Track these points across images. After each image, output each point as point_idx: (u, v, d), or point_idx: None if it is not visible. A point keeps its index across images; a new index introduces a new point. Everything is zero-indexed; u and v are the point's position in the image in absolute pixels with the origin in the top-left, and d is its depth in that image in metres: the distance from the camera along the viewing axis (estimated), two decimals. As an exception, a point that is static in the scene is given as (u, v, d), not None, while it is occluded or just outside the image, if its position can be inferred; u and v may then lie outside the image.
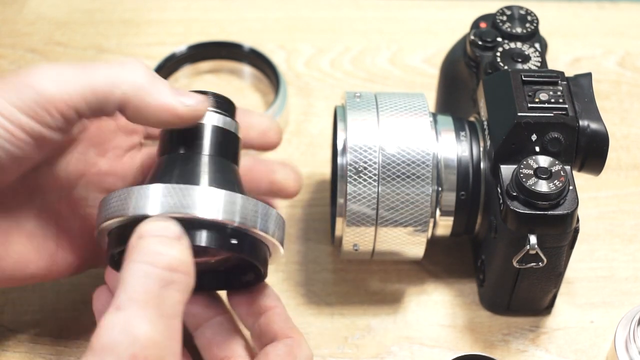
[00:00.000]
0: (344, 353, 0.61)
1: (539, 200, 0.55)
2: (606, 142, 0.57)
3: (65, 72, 0.49)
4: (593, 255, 0.67)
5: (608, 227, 0.69)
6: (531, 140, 0.57)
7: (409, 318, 0.63)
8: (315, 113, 0.78)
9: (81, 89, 0.49)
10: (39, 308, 0.62)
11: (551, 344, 0.62)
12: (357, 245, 0.60)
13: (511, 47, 0.62)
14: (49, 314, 0.62)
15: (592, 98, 0.59)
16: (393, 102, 0.61)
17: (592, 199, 0.71)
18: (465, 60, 0.65)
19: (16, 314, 0.62)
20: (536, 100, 0.57)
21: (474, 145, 0.60)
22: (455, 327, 0.63)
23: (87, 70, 0.49)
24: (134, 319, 0.43)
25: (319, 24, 0.86)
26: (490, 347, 0.62)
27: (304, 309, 0.63)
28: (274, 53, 0.82)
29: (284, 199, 0.62)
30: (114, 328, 0.43)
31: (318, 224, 0.69)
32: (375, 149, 0.58)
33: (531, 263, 0.56)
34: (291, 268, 0.66)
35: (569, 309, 0.64)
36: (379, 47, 0.84)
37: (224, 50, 0.80)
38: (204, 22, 0.85)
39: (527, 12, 0.65)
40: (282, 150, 0.74)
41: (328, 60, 0.82)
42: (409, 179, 0.58)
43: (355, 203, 0.58)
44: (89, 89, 0.49)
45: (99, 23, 0.85)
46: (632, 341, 0.56)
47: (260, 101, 0.79)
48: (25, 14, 0.86)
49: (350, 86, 0.80)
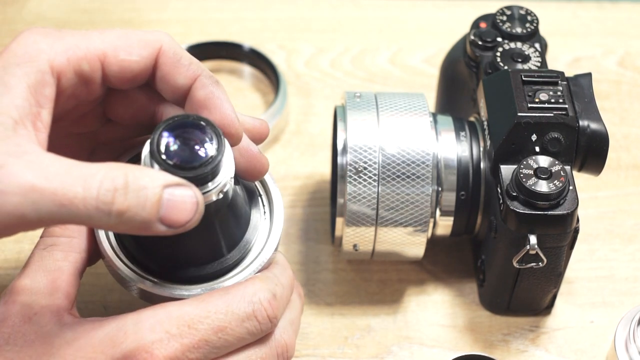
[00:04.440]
0: (344, 353, 0.61)
1: (539, 200, 0.55)
2: (606, 142, 0.57)
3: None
4: (593, 255, 0.67)
5: (608, 227, 0.69)
6: (531, 140, 0.57)
7: (409, 318, 0.63)
8: (315, 113, 0.78)
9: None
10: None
11: (551, 344, 0.62)
12: (357, 245, 0.60)
13: (511, 47, 0.62)
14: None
15: (592, 98, 0.59)
16: (393, 102, 0.61)
17: (592, 199, 0.71)
18: (465, 60, 0.65)
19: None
20: (536, 100, 0.57)
21: (474, 145, 0.60)
22: (455, 327, 0.63)
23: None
24: None
25: (319, 24, 0.86)
26: (490, 347, 0.62)
27: (304, 309, 0.63)
28: (274, 53, 0.82)
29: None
30: None
31: (318, 224, 0.69)
32: (375, 149, 0.58)
33: (531, 263, 0.56)
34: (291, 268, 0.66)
35: (569, 309, 0.64)
36: (379, 47, 0.84)
37: (224, 50, 0.80)
38: (204, 22, 0.85)
39: (527, 12, 0.65)
40: (282, 150, 0.74)
41: (328, 60, 0.82)
42: (409, 179, 0.58)
43: (355, 203, 0.58)
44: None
45: (99, 23, 0.85)
46: (632, 341, 0.55)
47: (260, 101, 0.79)
48: (25, 14, 0.86)
49: (350, 86, 0.80)
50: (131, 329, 0.46)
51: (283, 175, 0.72)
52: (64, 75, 0.47)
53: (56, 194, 0.42)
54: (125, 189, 0.43)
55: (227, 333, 0.48)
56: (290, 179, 0.72)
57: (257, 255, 0.52)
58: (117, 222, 0.43)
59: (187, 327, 0.47)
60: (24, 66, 0.46)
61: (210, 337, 0.47)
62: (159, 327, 0.46)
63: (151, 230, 0.44)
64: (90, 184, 0.42)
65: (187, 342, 0.46)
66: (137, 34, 0.50)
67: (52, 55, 0.47)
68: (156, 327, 0.46)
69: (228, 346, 0.48)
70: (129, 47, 0.49)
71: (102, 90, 0.51)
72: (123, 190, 0.43)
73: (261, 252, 0.52)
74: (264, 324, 0.49)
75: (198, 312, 0.47)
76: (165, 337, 0.46)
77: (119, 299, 0.62)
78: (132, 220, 0.44)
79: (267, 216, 0.54)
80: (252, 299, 0.49)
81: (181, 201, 0.44)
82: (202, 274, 0.51)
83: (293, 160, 0.74)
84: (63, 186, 0.42)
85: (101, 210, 0.43)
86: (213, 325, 0.47)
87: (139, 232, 0.45)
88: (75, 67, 0.48)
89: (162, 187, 0.44)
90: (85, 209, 0.42)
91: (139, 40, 0.49)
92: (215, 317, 0.47)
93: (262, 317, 0.49)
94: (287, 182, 0.72)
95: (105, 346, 0.46)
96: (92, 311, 0.55)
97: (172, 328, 0.46)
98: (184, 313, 0.47)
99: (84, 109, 0.52)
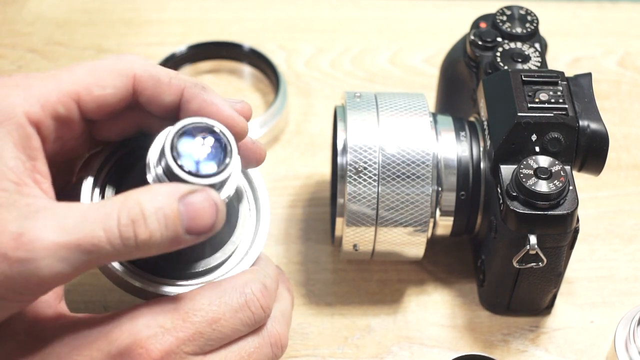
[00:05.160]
0: (344, 353, 0.61)
1: (539, 200, 0.55)
2: (606, 142, 0.57)
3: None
4: (593, 255, 0.67)
5: (608, 227, 0.69)
6: (531, 140, 0.57)
7: (409, 318, 0.63)
8: (315, 113, 0.78)
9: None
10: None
11: (551, 344, 0.62)
12: (357, 245, 0.60)
13: (511, 47, 0.62)
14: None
15: (592, 98, 0.59)
16: (393, 102, 0.61)
17: (592, 199, 0.71)
18: (465, 60, 0.65)
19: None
20: (536, 100, 0.57)
21: (474, 145, 0.60)
22: (455, 327, 0.63)
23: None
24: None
25: (319, 24, 0.86)
26: (490, 347, 0.62)
27: (304, 309, 0.63)
28: (274, 53, 0.82)
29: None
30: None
31: (318, 224, 0.69)
32: (375, 149, 0.58)
33: (531, 263, 0.56)
34: (291, 268, 0.66)
35: (569, 309, 0.64)
36: (379, 47, 0.84)
37: (224, 50, 0.80)
38: (204, 22, 0.85)
39: (527, 12, 0.65)
40: (282, 150, 0.74)
41: (328, 60, 0.82)
42: (409, 179, 0.58)
43: (355, 203, 0.58)
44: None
45: (99, 23, 0.85)
46: (632, 341, 0.55)
47: (260, 101, 0.79)
48: (25, 14, 0.86)
49: (350, 86, 0.80)
50: (126, 326, 0.47)
51: (283, 175, 0.72)
52: (42, 124, 0.47)
53: (81, 244, 0.43)
54: (143, 217, 0.44)
55: (221, 324, 0.48)
56: (290, 179, 0.72)
57: (247, 250, 0.53)
58: (147, 249, 0.44)
59: (181, 321, 0.47)
60: (3, 125, 0.45)
61: (205, 329, 0.47)
62: (153, 322, 0.47)
63: (183, 243, 0.45)
64: (110, 225, 0.43)
65: (182, 336, 0.47)
66: (107, 66, 0.49)
67: (27, 107, 0.46)
68: (150, 322, 0.47)
69: (223, 338, 0.48)
70: (101, 81, 0.48)
71: (85, 124, 0.50)
72: (142, 219, 0.44)
73: (251, 248, 0.53)
74: (257, 314, 0.50)
75: (192, 305, 0.48)
76: (160, 332, 0.46)
77: (119, 299, 0.62)
78: (161, 242, 0.44)
79: (253, 212, 0.55)
80: (244, 290, 0.49)
81: (200, 207, 0.45)
82: (194, 271, 0.52)
83: (293, 160, 0.74)
84: (85, 234, 0.43)
85: (128, 245, 0.44)
86: (207, 318, 0.48)
87: (174, 249, 0.45)
88: (51, 113, 0.47)
89: (177, 201, 0.44)
90: (113, 249, 0.44)
91: (110, 72, 0.49)
92: (209, 309, 0.48)
93: (254, 307, 0.49)
94: (287, 182, 0.72)
95: (100, 343, 0.46)
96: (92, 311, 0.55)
97: (167, 322, 0.47)
98: (178, 307, 0.48)
99: (72, 144, 0.52)
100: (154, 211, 0.44)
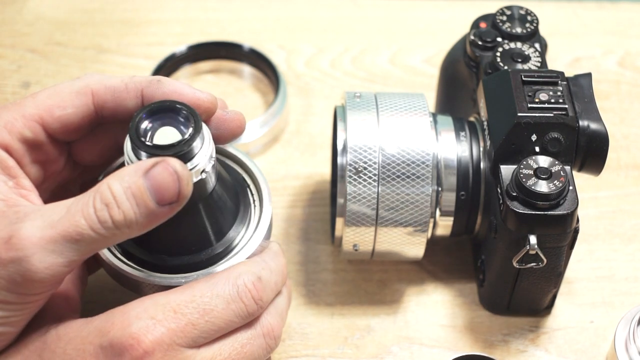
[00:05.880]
0: (344, 353, 0.61)
1: (539, 200, 0.55)
2: (606, 142, 0.57)
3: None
4: (593, 255, 0.67)
5: (608, 227, 0.69)
6: (531, 140, 0.57)
7: (409, 318, 0.63)
8: (315, 113, 0.78)
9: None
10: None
11: (551, 344, 0.62)
12: (357, 245, 0.60)
13: (511, 47, 0.62)
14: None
15: (592, 98, 0.59)
16: (393, 102, 0.61)
17: (592, 199, 0.71)
18: (465, 60, 0.65)
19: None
20: (536, 100, 0.57)
21: (474, 145, 0.60)
22: (455, 327, 0.63)
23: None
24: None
25: (319, 24, 0.86)
26: (490, 347, 0.62)
27: (304, 309, 0.64)
28: (274, 53, 0.82)
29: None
30: None
31: (318, 224, 0.69)
32: (375, 149, 0.58)
33: (531, 263, 0.56)
34: (291, 268, 0.66)
35: (569, 309, 0.64)
36: (379, 47, 0.84)
37: (223, 50, 0.80)
38: (204, 22, 0.85)
39: (527, 12, 0.65)
40: (282, 150, 0.74)
41: (328, 60, 0.82)
42: (408, 179, 0.58)
43: (355, 203, 0.58)
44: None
45: (99, 23, 0.85)
46: (632, 341, 0.56)
47: (260, 101, 0.79)
48: (25, 14, 0.86)
49: (350, 86, 0.80)
50: (117, 318, 0.47)
51: (283, 175, 0.72)
52: (11, 147, 0.50)
53: (67, 235, 0.45)
54: (114, 198, 0.45)
55: (213, 316, 0.48)
56: (290, 179, 0.72)
57: (245, 243, 0.53)
58: (128, 228, 0.46)
59: (172, 312, 0.47)
60: None
61: (197, 320, 0.48)
62: (145, 313, 0.47)
63: (161, 215, 0.46)
64: (89, 212, 0.45)
65: (174, 327, 0.47)
66: (66, 87, 0.51)
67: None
68: (142, 314, 0.47)
69: (217, 330, 0.49)
70: (61, 102, 0.51)
71: (61, 147, 0.53)
72: (113, 201, 0.45)
73: (249, 241, 0.53)
74: (249, 306, 0.50)
75: (184, 297, 0.48)
76: (152, 323, 0.47)
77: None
78: (139, 220, 0.46)
79: (257, 206, 0.55)
80: (236, 282, 0.50)
81: (161, 178, 0.46)
82: (190, 263, 0.52)
83: (293, 160, 0.74)
84: (69, 225, 0.45)
85: (108, 228, 0.45)
86: (199, 309, 0.48)
87: (155, 224, 0.46)
88: (18, 136, 0.50)
89: (142, 176, 0.45)
90: (97, 234, 0.45)
91: (69, 93, 0.51)
92: (201, 300, 0.48)
93: (247, 298, 0.50)
94: (287, 182, 0.72)
95: (93, 337, 0.47)
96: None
97: (158, 314, 0.47)
98: (170, 300, 0.48)
99: (55, 168, 0.54)
100: (122, 191, 0.45)
